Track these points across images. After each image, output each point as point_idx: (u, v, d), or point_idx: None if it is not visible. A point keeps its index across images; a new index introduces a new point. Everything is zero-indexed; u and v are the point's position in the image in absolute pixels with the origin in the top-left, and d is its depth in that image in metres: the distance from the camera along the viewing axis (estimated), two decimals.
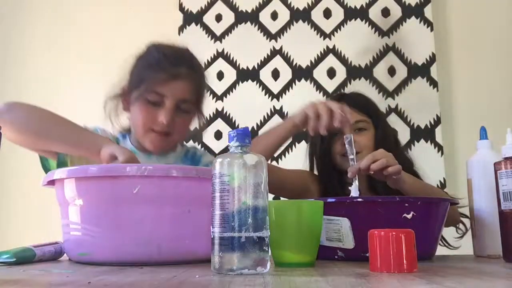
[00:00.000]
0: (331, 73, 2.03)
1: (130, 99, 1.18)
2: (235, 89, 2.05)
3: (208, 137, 2.02)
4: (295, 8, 2.09)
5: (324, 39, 2.06)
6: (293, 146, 1.97)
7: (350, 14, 2.06)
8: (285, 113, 2.01)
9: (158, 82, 1.13)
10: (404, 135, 1.94)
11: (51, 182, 0.86)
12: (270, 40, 2.08)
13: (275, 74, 2.05)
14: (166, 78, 1.14)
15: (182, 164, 1.25)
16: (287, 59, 2.06)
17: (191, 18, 2.12)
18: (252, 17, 2.10)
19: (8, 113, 1.06)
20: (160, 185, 0.77)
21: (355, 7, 2.07)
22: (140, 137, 1.19)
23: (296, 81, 2.04)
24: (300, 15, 2.08)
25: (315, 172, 1.41)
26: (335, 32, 2.06)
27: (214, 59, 2.08)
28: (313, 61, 2.04)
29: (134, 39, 2.11)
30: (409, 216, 0.87)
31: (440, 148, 1.92)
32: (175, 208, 0.78)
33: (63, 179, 0.81)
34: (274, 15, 2.09)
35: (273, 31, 2.08)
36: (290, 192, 1.36)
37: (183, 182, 0.78)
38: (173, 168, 0.78)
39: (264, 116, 2.02)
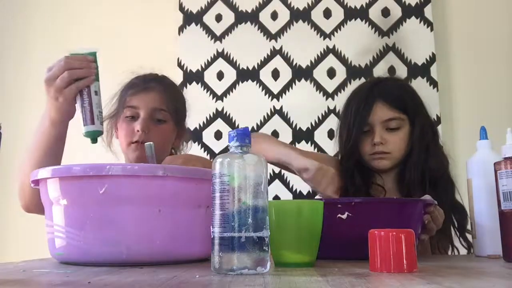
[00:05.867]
0: (331, 73, 2.03)
1: (117, 124, 1.28)
2: (235, 89, 2.05)
3: (208, 137, 2.03)
4: (295, 8, 2.09)
5: (324, 39, 2.06)
6: (294, 146, 1.97)
7: (350, 14, 2.06)
8: (285, 113, 2.01)
9: (131, 96, 1.25)
10: None
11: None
12: (270, 40, 2.08)
13: (275, 74, 2.05)
14: (137, 91, 1.25)
15: None
16: (287, 59, 2.06)
17: (191, 18, 2.12)
18: (252, 17, 2.10)
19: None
20: (127, 185, 0.75)
21: (355, 7, 2.07)
22: (124, 153, 1.26)
23: (296, 81, 2.04)
24: (300, 15, 2.08)
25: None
26: (335, 32, 2.06)
27: (214, 59, 2.08)
28: (313, 61, 2.04)
29: (134, 39, 2.13)
30: (344, 216, 0.85)
31: None
32: (143, 207, 0.76)
33: (38, 180, 0.82)
34: (274, 15, 2.09)
35: (273, 31, 2.08)
36: None
37: (150, 181, 0.76)
38: (139, 167, 0.77)
39: (264, 116, 2.02)
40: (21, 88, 2.14)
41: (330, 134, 1.96)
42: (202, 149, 2.02)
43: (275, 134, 1.99)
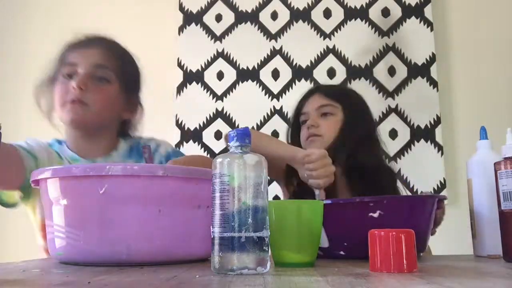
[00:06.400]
0: (331, 73, 2.03)
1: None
2: (235, 89, 2.06)
3: (208, 137, 2.03)
4: (295, 8, 2.09)
5: (324, 39, 2.06)
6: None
7: (350, 14, 2.07)
8: (285, 113, 2.01)
9: (70, 53, 1.10)
10: (404, 135, 1.94)
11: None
12: (270, 40, 2.08)
13: (275, 74, 2.05)
14: (77, 47, 1.11)
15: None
16: (287, 59, 2.06)
17: (191, 18, 2.12)
18: (252, 17, 2.10)
19: None
20: (127, 185, 0.75)
21: (355, 7, 2.07)
22: (59, 115, 1.09)
23: (296, 81, 2.04)
24: (300, 15, 2.09)
25: None
26: (335, 32, 2.06)
27: (214, 59, 2.08)
28: (313, 61, 2.04)
29: (134, 39, 2.12)
30: (376, 215, 0.85)
31: (440, 148, 1.92)
32: (143, 207, 0.75)
33: (37, 180, 0.82)
34: (274, 15, 2.09)
35: (273, 31, 2.08)
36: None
37: (150, 181, 0.75)
38: (139, 167, 0.76)
39: (264, 116, 2.02)
40: (21, 88, 2.14)
41: None
42: (202, 149, 2.02)
43: (275, 134, 2.00)
